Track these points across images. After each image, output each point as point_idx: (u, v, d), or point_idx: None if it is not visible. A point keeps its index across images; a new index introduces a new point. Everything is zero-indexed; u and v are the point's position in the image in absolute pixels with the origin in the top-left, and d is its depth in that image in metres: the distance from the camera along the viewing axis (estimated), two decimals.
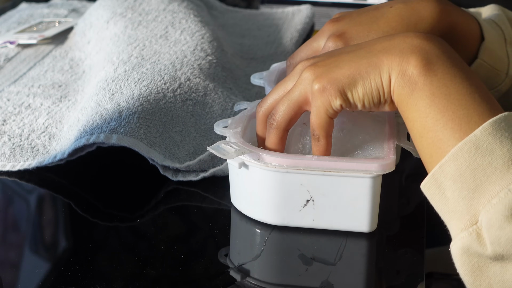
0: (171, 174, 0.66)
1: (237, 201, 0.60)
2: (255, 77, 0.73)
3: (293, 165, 0.55)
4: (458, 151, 0.50)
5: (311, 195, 0.56)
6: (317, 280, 0.53)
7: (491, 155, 0.49)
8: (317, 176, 0.55)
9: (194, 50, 0.81)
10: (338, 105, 0.54)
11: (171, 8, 0.91)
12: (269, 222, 0.58)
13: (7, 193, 0.67)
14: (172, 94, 0.72)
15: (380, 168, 0.54)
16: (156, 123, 0.68)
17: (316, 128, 0.56)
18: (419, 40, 0.54)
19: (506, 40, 0.73)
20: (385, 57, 0.54)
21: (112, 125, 0.66)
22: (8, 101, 0.80)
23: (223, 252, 0.56)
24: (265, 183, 0.56)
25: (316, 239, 0.57)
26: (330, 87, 0.54)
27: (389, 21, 0.67)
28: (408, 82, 0.53)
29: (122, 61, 0.79)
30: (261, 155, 0.56)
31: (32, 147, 0.71)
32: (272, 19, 1.07)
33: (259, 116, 0.60)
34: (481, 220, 0.49)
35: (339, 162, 0.55)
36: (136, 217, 0.62)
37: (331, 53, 0.57)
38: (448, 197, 0.51)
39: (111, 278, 0.53)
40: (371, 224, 0.57)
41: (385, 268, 0.56)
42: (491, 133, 0.49)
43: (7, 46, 0.95)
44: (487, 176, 0.49)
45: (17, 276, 0.55)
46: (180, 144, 0.68)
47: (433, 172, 0.51)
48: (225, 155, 0.55)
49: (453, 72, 0.52)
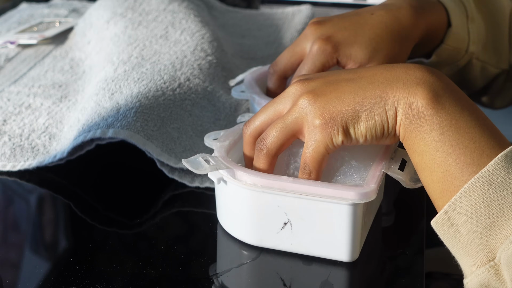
0: (167, 170, 0.66)
1: (221, 218, 0.59)
2: (236, 90, 0.71)
3: (267, 185, 0.52)
4: (472, 187, 0.48)
5: (288, 218, 0.53)
6: (315, 282, 0.53)
7: (505, 190, 0.47)
8: (294, 198, 0.52)
9: (194, 50, 0.81)
10: (340, 142, 0.52)
11: (171, 8, 0.91)
12: (248, 242, 0.56)
13: (7, 193, 0.67)
14: (171, 93, 0.72)
15: (356, 197, 0.51)
16: (154, 117, 0.68)
17: (309, 163, 0.53)
18: (422, 72, 0.52)
19: (468, 17, 0.74)
20: (389, 89, 0.52)
21: (109, 120, 0.66)
22: (8, 101, 0.80)
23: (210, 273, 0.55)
24: (242, 202, 0.54)
25: (307, 269, 0.55)
26: (333, 123, 0.52)
27: (373, 27, 0.67)
28: (416, 116, 0.51)
29: (122, 61, 0.79)
30: (236, 172, 0.53)
31: (32, 147, 0.71)
32: (272, 19, 1.07)
33: (246, 136, 0.57)
34: (499, 256, 0.48)
35: (314, 187, 0.52)
36: (136, 217, 0.62)
37: (328, 79, 0.54)
38: (462, 234, 0.49)
39: (111, 278, 0.54)
40: (352, 254, 0.54)
41: (385, 267, 0.56)
42: (504, 167, 0.47)
43: (7, 46, 0.95)
44: (503, 211, 0.47)
45: (17, 276, 0.55)
46: (177, 140, 0.68)
47: (445, 209, 0.49)
48: (198, 170, 0.53)
49: (461, 105, 0.51)
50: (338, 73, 0.55)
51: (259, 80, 0.72)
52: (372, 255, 0.56)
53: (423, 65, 0.54)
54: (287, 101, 0.54)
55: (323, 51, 0.66)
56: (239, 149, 0.59)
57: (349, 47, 0.66)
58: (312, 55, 0.66)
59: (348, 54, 0.66)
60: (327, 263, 0.54)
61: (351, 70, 0.55)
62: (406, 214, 0.63)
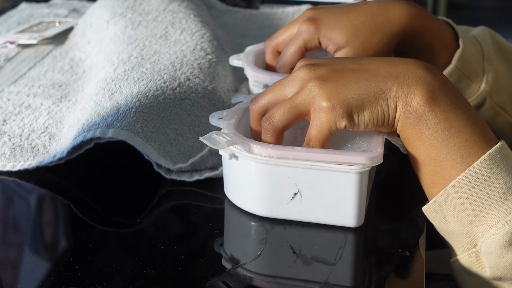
0: (164, 172, 0.66)
1: (229, 192, 0.62)
2: (233, 58, 0.78)
3: (282, 156, 0.56)
4: (459, 183, 0.53)
5: (298, 188, 0.57)
6: (317, 279, 0.53)
7: (489, 187, 0.53)
8: (304, 169, 0.56)
9: (194, 50, 0.81)
10: (343, 126, 0.56)
11: (171, 8, 0.91)
12: (258, 214, 0.59)
13: (7, 193, 0.67)
14: (171, 92, 0.72)
15: (367, 161, 0.55)
16: (153, 117, 0.68)
17: (313, 140, 0.56)
18: (421, 71, 0.56)
19: (484, 56, 0.76)
20: (392, 84, 0.55)
21: (109, 120, 0.66)
22: (8, 101, 0.80)
23: (219, 242, 0.57)
24: (254, 175, 0.57)
25: (316, 236, 0.57)
26: (340, 107, 0.55)
27: (359, 15, 0.71)
28: (414, 113, 0.55)
29: (122, 61, 0.79)
30: (252, 146, 0.57)
31: (32, 147, 0.71)
32: (272, 19, 1.07)
33: (252, 113, 0.60)
34: (480, 245, 0.54)
35: (327, 154, 0.55)
36: (136, 217, 0.62)
37: (334, 67, 0.57)
38: (448, 222, 0.55)
39: (111, 278, 0.54)
40: (358, 220, 0.57)
41: (384, 267, 0.56)
42: (489, 166, 0.53)
43: (7, 46, 0.95)
44: (485, 206, 0.53)
45: (17, 276, 0.55)
46: (173, 142, 0.68)
47: (435, 199, 0.55)
48: (216, 145, 0.56)
49: (454, 104, 0.55)
50: (342, 62, 0.58)
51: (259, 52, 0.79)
52: (374, 220, 0.60)
53: (422, 62, 0.57)
54: (295, 84, 0.58)
55: (306, 31, 0.71)
56: (243, 127, 0.62)
57: (330, 30, 0.71)
58: (297, 34, 0.72)
59: (328, 36, 0.71)
60: (334, 229, 0.58)
61: (354, 60, 0.58)
62: (406, 214, 0.63)
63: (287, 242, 0.57)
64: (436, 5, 2.18)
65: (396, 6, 0.71)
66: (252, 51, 0.78)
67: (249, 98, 0.65)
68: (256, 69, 0.75)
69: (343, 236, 0.57)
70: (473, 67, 0.74)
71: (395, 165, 0.63)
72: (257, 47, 0.79)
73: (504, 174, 0.53)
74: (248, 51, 0.78)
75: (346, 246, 0.56)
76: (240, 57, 0.78)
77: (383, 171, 0.65)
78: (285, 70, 0.74)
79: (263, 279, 0.54)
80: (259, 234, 0.58)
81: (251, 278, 0.53)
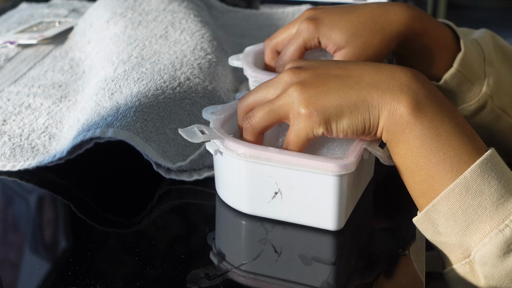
0: (164, 171, 0.66)
1: (218, 188, 0.62)
2: (232, 58, 0.78)
3: (255, 155, 0.56)
4: (450, 192, 0.52)
5: (279, 188, 0.57)
6: (316, 279, 0.53)
7: (480, 196, 0.52)
8: (283, 169, 0.56)
9: (193, 50, 0.81)
10: (320, 133, 0.55)
11: (171, 8, 0.91)
12: (242, 211, 0.59)
13: (7, 193, 0.67)
14: (171, 92, 0.72)
15: (337, 168, 0.54)
16: (153, 116, 0.68)
17: (291, 145, 0.56)
18: (407, 78, 0.55)
19: (485, 60, 0.75)
20: (374, 92, 0.54)
21: (109, 120, 0.66)
22: (8, 101, 0.80)
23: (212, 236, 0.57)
24: (237, 172, 0.58)
25: (316, 236, 0.57)
26: (317, 115, 0.54)
27: (359, 16, 0.71)
28: (399, 121, 0.54)
29: (122, 61, 0.79)
30: (227, 142, 0.57)
31: (32, 147, 0.71)
32: (272, 19, 1.07)
33: (239, 111, 0.61)
34: (473, 255, 0.53)
35: (298, 158, 0.55)
36: (135, 217, 0.62)
37: (318, 72, 0.57)
38: (440, 232, 0.54)
39: (111, 278, 0.54)
40: (337, 223, 0.57)
41: (384, 267, 0.56)
42: (480, 175, 0.52)
43: (7, 46, 0.95)
44: (478, 215, 0.52)
45: (17, 276, 0.55)
46: (171, 142, 0.68)
47: (426, 210, 0.54)
48: (191, 138, 0.57)
49: (442, 112, 0.54)
50: (328, 67, 0.58)
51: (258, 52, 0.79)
52: (358, 226, 0.59)
53: (409, 69, 0.56)
54: (278, 87, 0.58)
55: (306, 30, 0.71)
56: (234, 124, 0.62)
57: (330, 29, 0.70)
58: (297, 33, 0.72)
59: (328, 36, 0.70)
60: (314, 231, 0.58)
61: (340, 65, 0.58)
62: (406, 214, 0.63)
63: (287, 242, 0.57)
64: (436, 5, 2.18)
65: (397, 7, 0.70)
66: (252, 52, 0.78)
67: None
68: (256, 69, 0.75)
69: (343, 236, 0.57)
70: (475, 70, 0.74)
71: (394, 165, 0.63)
72: (257, 47, 0.79)
73: (495, 182, 0.52)
74: (248, 52, 0.78)
75: (345, 246, 0.56)
76: (240, 58, 0.78)
77: (383, 171, 0.65)
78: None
79: (263, 279, 0.54)
80: (259, 235, 0.58)
81: (231, 269, 0.54)
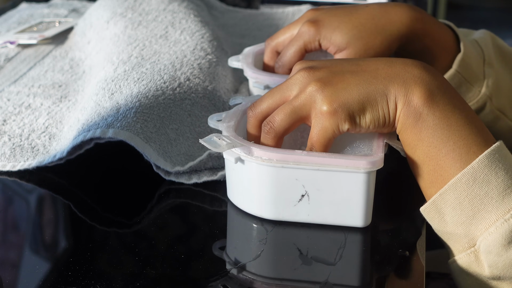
0: (163, 173, 0.66)
1: (234, 196, 0.61)
2: (232, 59, 0.77)
3: (282, 159, 0.56)
4: (457, 182, 0.54)
5: (306, 190, 0.57)
6: (316, 279, 0.53)
7: (487, 186, 0.53)
8: (312, 171, 0.56)
9: (194, 50, 0.81)
10: (346, 129, 0.56)
11: (171, 8, 0.91)
12: (265, 217, 0.59)
13: (7, 193, 0.67)
14: (171, 92, 0.72)
15: (368, 165, 0.55)
16: (154, 117, 0.68)
17: (316, 146, 0.56)
18: (418, 71, 0.56)
19: (485, 61, 0.75)
20: (391, 85, 0.55)
21: (109, 120, 0.66)
22: (8, 101, 0.80)
23: (218, 245, 0.57)
24: (261, 178, 0.57)
25: (315, 237, 0.57)
26: (341, 111, 0.55)
27: (360, 17, 0.71)
28: (413, 113, 0.55)
29: (122, 61, 0.79)
30: (252, 149, 0.56)
31: (32, 147, 0.71)
32: (272, 19, 1.07)
33: (251, 119, 0.60)
34: (478, 244, 0.54)
35: (328, 158, 0.55)
36: (135, 217, 0.62)
37: (333, 70, 0.57)
38: (447, 221, 0.55)
39: (111, 278, 0.54)
40: (365, 219, 0.57)
41: (385, 267, 0.56)
42: (487, 165, 0.53)
43: (7, 46, 0.95)
44: (484, 205, 0.53)
45: (17, 276, 0.55)
46: (173, 142, 0.68)
47: (433, 199, 0.55)
48: (216, 148, 0.56)
49: (453, 104, 0.55)
50: (341, 64, 0.58)
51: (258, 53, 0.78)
52: (373, 221, 0.59)
53: (419, 62, 0.57)
54: (294, 87, 0.57)
55: (307, 32, 0.71)
56: (242, 130, 0.62)
57: (331, 31, 0.70)
58: (298, 35, 0.72)
59: (329, 38, 0.70)
60: (334, 230, 0.58)
61: (352, 62, 0.58)
62: (406, 214, 0.63)
63: (287, 242, 0.57)
64: (436, 6, 2.19)
65: (398, 8, 0.70)
66: (251, 52, 0.78)
67: (247, 100, 0.65)
68: (256, 70, 0.75)
69: (343, 236, 0.57)
70: (474, 71, 0.74)
71: (395, 165, 0.63)
72: (256, 48, 0.79)
73: (502, 172, 0.53)
74: (247, 52, 0.78)
75: (346, 246, 0.56)
76: (239, 59, 0.77)
77: (383, 171, 0.65)
78: (284, 70, 0.74)
79: (263, 281, 0.54)
80: (259, 235, 0.58)
81: (251, 280, 0.53)
